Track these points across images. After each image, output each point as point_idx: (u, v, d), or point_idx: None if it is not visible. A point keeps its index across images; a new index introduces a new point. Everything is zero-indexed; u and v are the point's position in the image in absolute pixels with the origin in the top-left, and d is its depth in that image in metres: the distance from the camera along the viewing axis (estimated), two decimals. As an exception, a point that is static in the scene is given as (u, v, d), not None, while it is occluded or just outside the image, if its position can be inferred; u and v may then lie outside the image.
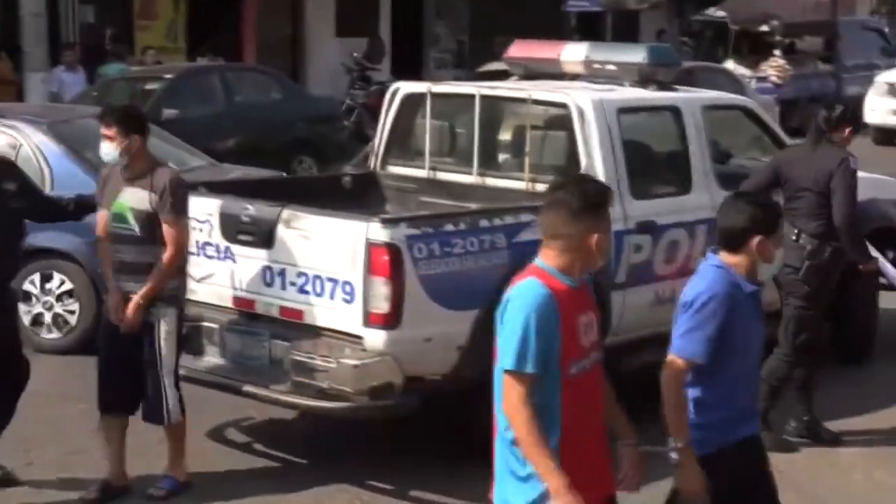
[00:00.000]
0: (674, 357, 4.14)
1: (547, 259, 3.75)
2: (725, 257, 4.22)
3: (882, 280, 8.50)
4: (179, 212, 5.96)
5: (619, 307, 6.82)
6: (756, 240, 4.18)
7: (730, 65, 21.90)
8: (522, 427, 3.61)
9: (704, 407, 4.15)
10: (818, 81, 22.68)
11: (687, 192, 7.31)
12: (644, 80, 7.70)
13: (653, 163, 7.57)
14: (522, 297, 3.67)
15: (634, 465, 3.92)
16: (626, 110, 7.19)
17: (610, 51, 8.31)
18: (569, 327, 3.68)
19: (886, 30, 26.06)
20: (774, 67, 22.24)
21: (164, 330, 5.94)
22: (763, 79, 21.80)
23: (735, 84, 17.60)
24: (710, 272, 4.20)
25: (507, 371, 3.64)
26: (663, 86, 7.78)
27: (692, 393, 4.16)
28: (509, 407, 3.65)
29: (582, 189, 3.76)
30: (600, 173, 6.80)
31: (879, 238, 8.38)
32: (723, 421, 4.16)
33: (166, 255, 5.89)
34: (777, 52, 22.86)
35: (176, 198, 5.92)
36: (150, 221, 5.92)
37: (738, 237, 4.20)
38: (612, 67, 7.83)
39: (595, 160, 6.86)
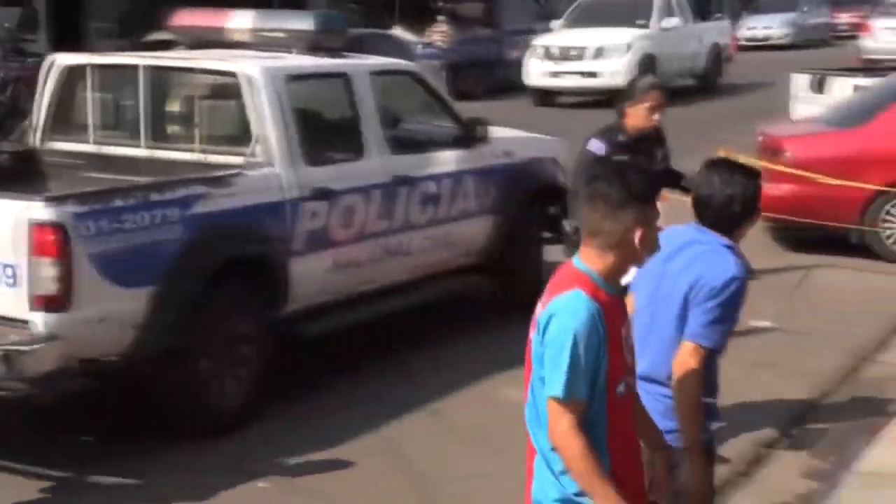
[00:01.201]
0: (696, 346, 3.78)
1: (588, 261, 3.36)
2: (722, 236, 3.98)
3: (547, 234, 8.92)
4: None
5: (297, 275, 6.82)
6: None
7: (397, 31, 22.28)
8: (577, 457, 3.24)
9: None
10: (481, 46, 23.43)
11: (360, 157, 7.38)
12: (313, 47, 7.70)
13: (325, 130, 7.59)
14: (569, 314, 3.26)
15: (665, 472, 3.69)
16: (295, 78, 7.16)
17: (277, 18, 8.25)
18: (614, 344, 3.32)
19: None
20: (439, 33, 22.82)
21: None
22: (429, 44, 22.33)
23: (402, 49, 17.93)
24: (727, 254, 3.92)
25: (555, 399, 3.26)
26: (332, 53, 7.81)
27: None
28: (559, 436, 3.26)
29: (624, 180, 3.35)
30: (272, 142, 6.77)
31: (544, 196, 8.79)
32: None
33: None
34: (441, 18, 23.44)
35: None
36: None
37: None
38: (280, 35, 7.78)
39: (266, 129, 6.81)
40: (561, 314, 3.27)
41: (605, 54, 21.02)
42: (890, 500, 5.45)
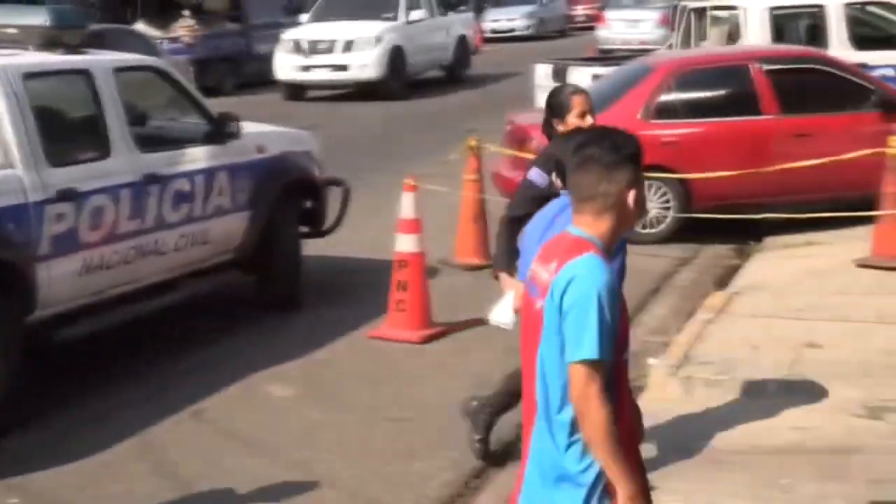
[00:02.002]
0: (591, 363, 3.28)
1: (587, 227, 3.31)
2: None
3: (304, 228, 8.91)
4: None
5: (44, 279, 6.57)
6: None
7: (140, 26, 21.72)
8: (602, 425, 3.14)
9: None
10: (228, 41, 23.12)
11: (106, 156, 7.17)
12: (49, 43, 7.42)
13: (68, 129, 7.33)
14: (590, 276, 3.19)
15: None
16: (32, 75, 6.88)
17: (8, 13, 7.91)
18: (623, 311, 3.28)
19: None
20: (185, 28, 22.38)
21: None
22: (175, 39, 21.88)
23: (146, 45, 17.46)
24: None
25: (585, 362, 3.15)
26: (71, 49, 7.54)
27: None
28: (585, 401, 3.15)
29: (614, 141, 3.34)
30: (10, 143, 6.49)
31: (300, 190, 8.77)
32: None
33: None
34: (186, 12, 23.00)
35: None
36: None
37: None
38: (11, 31, 7.47)
39: (4, 129, 6.53)
40: (582, 276, 3.20)
41: (354, 47, 21.09)
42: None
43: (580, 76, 14.08)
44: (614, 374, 3.25)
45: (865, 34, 14.12)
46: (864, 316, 7.82)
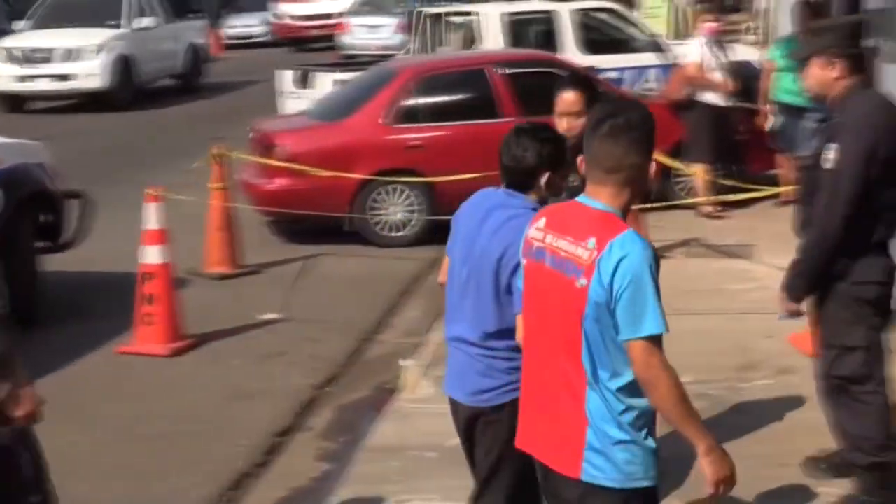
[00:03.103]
0: (652, 337, 3.29)
1: (607, 200, 3.33)
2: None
3: (43, 244, 8.57)
4: None
5: None
6: (545, 176, 4.02)
7: None
8: (672, 392, 3.25)
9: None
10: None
11: None
12: None
13: None
14: (639, 252, 3.24)
15: None
16: None
17: None
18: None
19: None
20: None
21: None
22: None
23: None
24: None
25: (649, 338, 3.22)
26: None
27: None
28: (653, 372, 3.24)
29: (641, 114, 3.37)
30: None
31: (35, 203, 8.43)
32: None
33: None
34: None
35: None
36: None
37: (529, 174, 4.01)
38: None
39: None
40: (631, 253, 3.24)
41: (76, 56, 20.03)
42: (395, 470, 5.78)
43: (324, 82, 14.13)
44: None
45: (594, 39, 14.75)
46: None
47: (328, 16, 29.91)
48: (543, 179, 4.04)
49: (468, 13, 15.49)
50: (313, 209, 10.21)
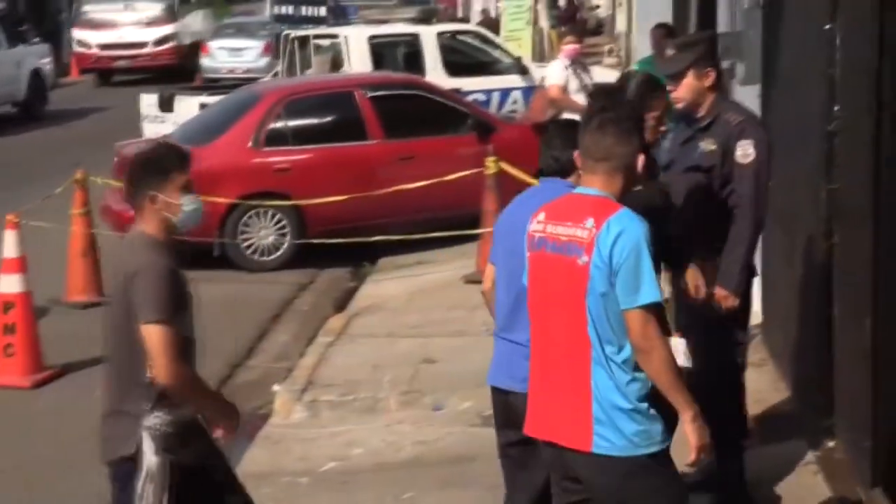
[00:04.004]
0: (649, 307, 3.57)
1: (600, 186, 3.67)
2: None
3: None
4: None
5: None
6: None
7: None
8: (665, 360, 3.53)
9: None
10: None
11: None
12: None
13: None
14: (634, 227, 3.56)
15: None
16: None
17: None
18: None
19: None
20: None
21: None
22: None
23: None
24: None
25: (643, 306, 3.51)
26: None
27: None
28: (649, 340, 3.52)
29: (629, 107, 3.81)
30: None
31: None
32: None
33: None
34: None
35: None
36: None
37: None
38: None
39: None
40: (628, 229, 3.54)
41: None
42: (268, 496, 5.69)
43: (188, 106, 13.94)
44: None
45: (458, 61, 14.87)
46: (475, 329, 8.20)
47: (141, 44, 26.50)
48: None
49: (335, 36, 15.48)
50: (181, 234, 10.02)
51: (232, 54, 25.28)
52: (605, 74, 14.02)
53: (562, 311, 3.63)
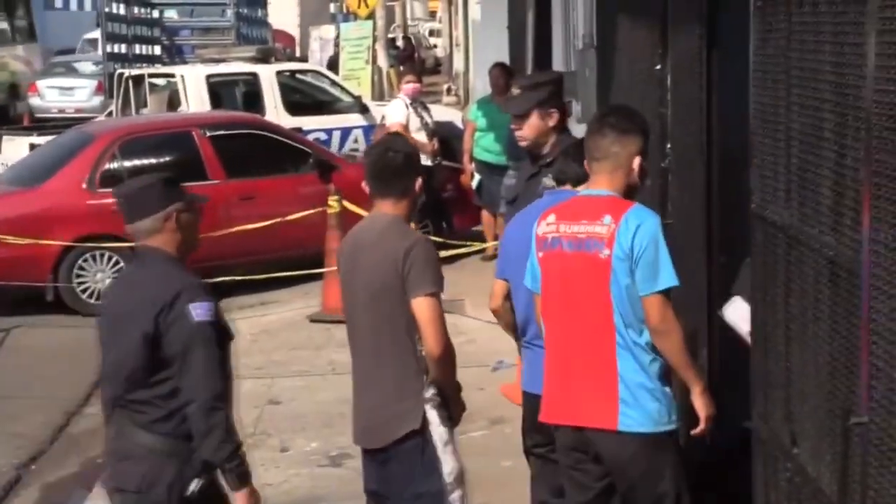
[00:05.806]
0: (666, 292, 3.88)
1: (604, 186, 3.94)
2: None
3: None
4: None
5: None
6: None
7: None
8: (681, 340, 3.83)
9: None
10: None
11: None
12: None
13: None
14: (650, 219, 3.85)
15: None
16: None
17: None
18: None
19: None
20: None
21: None
22: None
23: None
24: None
25: (661, 291, 3.79)
26: None
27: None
28: (667, 323, 3.81)
29: (630, 113, 4.07)
30: None
31: None
32: None
33: None
34: None
35: None
36: None
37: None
38: None
39: None
40: (645, 221, 3.83)
41: None
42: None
43: (16, 147, 13.54)
44: None
45: (298, 100, 14.83)
46: (320, 369, 8.15)
47: None
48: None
49: (171, 75, 15.25)
50: (12, 279, 9.74)
51: (62, 93, 24.66)
52: (444, 112, 14.18)
53: (587, 303, 3.90)
